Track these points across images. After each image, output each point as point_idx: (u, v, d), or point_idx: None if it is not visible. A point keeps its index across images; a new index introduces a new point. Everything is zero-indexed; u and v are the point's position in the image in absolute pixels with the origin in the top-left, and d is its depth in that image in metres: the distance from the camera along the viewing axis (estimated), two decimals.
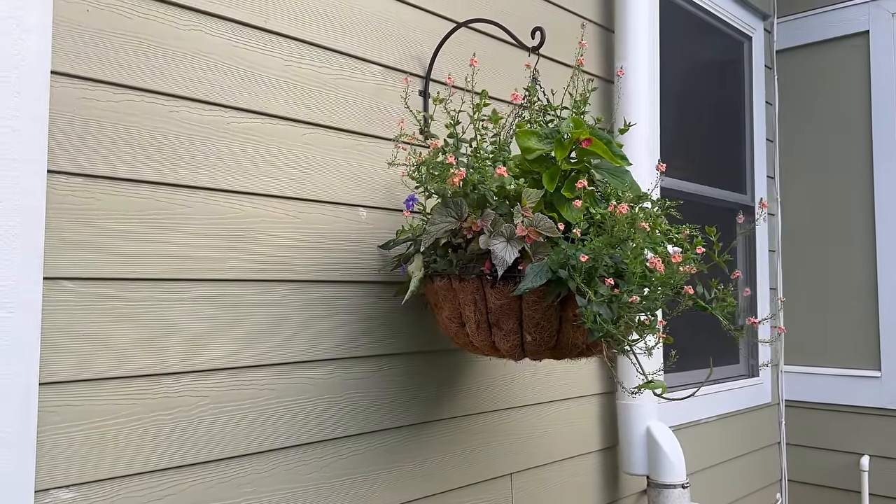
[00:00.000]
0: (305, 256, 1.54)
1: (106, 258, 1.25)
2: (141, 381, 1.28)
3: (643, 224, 1.18)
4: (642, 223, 1.18)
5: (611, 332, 1.15)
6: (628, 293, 1.15)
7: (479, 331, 1.42)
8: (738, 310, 1.29)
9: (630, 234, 1.18)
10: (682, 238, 1.40)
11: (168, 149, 1.33)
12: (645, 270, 1.17)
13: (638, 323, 1.18)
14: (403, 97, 1.56)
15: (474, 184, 1.27)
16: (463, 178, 1.26)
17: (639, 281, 1.21)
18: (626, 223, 1.18)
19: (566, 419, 2.17)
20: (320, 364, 1.55)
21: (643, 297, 1.16)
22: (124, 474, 1.25)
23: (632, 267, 1.16)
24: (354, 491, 1.59)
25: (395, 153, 1.49)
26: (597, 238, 1.20)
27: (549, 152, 1.44)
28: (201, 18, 1.39)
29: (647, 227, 1.18)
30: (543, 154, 1.44)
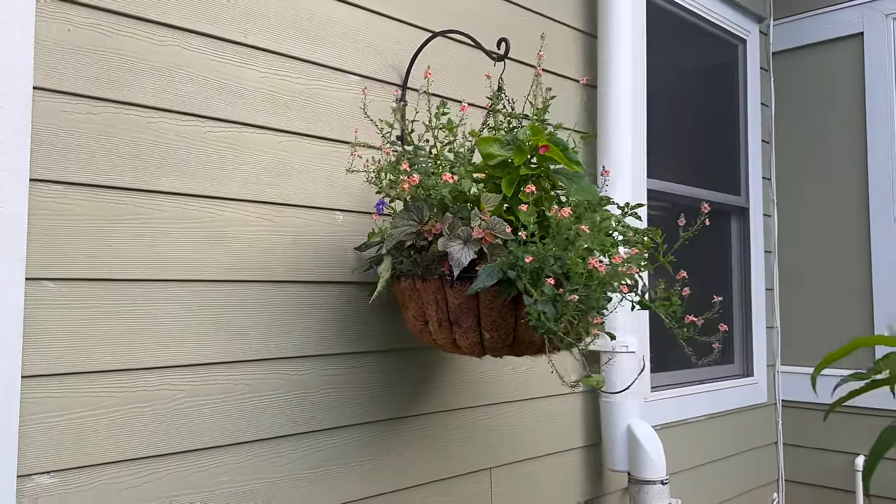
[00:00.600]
0: (281, 258, 1.62)
1: (86, 260, 1.34)
2: (119, 375, 1.36)
3: (584, 227, 1.24)
4: (583, 226, 1.24)
5: (552, 330, 1.21)
6: (570, 292, 1.21)
7: (440, 329, 1.49)
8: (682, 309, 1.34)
9: (573, 236, 1.24)
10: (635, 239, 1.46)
11: (146, 157, 1.42)
12: (587, 271, 1.23)
13: (580, 321, 1.24)
14: (362, 107, 1.63)
15: (428, 189, 1.34)
16: (416, 184, 1.33)
17: (584, 281, 1.27)
18: (568, 226, 1.24)
19: (548, 416, 2.23)
20: (295, 360, 1.63)
21: (584, 296, 1.22)
22: (102, 462, 1.34)
23: (574, 268, 1.22)
24: (329, 482, 1.67)
25: (352, 160, 1.56)
26: (542, 241, 1.26)
27: (509, 158, 1.50)
28: (178, 34, 1.47)
29: (587, 230, 1.24)
30: (505, 159, 1.51)
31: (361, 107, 1.63)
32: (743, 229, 3.26)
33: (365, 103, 1.65)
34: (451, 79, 1.96)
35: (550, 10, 2.30)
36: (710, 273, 3.24)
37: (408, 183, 1.31)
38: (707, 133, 3.23)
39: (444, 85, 1.94)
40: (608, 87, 2.35)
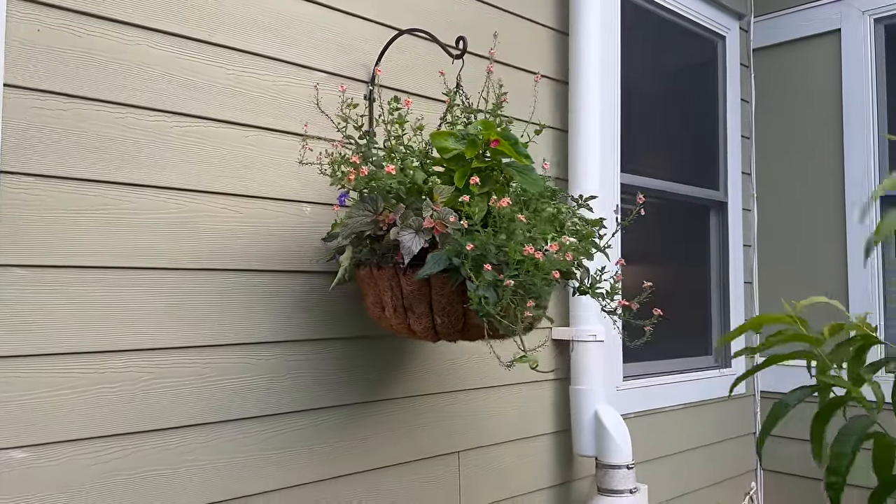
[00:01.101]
0: (248, 248, 1.69)
1: (55, 248, 1.41)
2: (86, 357, 1.44)
3: (521, 217, 1.30)
4: (520, 216, 1.30)
5: (490, 313, 1.28)
6: (508, 278, 1.28)
7: (396, 314, 1.56)
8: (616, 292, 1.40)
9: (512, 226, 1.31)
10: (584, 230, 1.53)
11: (114, 151, 1.49)
12: (524, 258, 1.30)
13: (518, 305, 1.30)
14: (316, 102, 1.70)
15: (378, 180, 1.41)
16: (365, 176, 1.40)
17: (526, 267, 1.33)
18: (509, 216, 1.31)
19: (517, 403, 2.29)
20: (262, 346, 1.71)
21: (523, 282, 1.29)
22: (72, 439, 1.41)
23: (512, 255, 1.29)
24: (294, 463, 1.74)
25: (304, 153, 1.63)
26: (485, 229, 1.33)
27: (462, 151, 1.57)
28: (145, 34, 1.55)
29: (524, 220, 1.31)
30: (459, 153, 1.58)
31: (315, 102, 1.70)
32: (722, 223, 3.32)
33: (318, 98, 1.72)
34: (417, 75, 2.03)
35: (522, 8, 2.36)
36: (689, 266, 3.29)
37: (353, 174, 1.38)
38: (687, 129, 3.28)
39: (410, 81, 2.01)
40: (578, 83, 2.41)
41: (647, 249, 3.08)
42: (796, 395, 0.98)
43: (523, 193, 1.58)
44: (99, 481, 1.44)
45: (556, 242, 1.31)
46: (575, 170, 2.40)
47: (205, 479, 1.59)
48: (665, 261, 3.18)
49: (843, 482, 0.91)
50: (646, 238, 3.07)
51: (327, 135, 1.75)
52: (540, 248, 1.31)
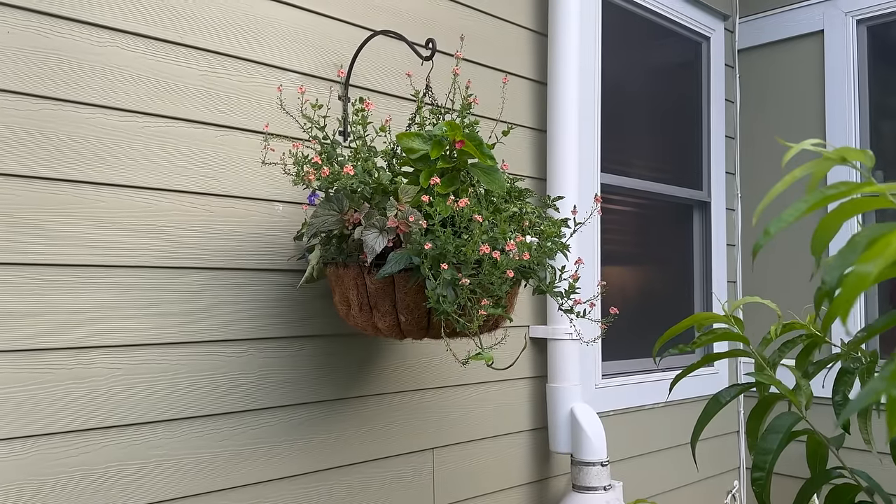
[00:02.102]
0: (219, 246, 1.71)
1: (26, 246, 1.44)
2: (55, 353, 1.46)
3: (477, 217, 1.33)
4: (477, 216, 1.33)
5: (447, 311, 1.30)
6: (464, 276, 1.30)
7: (361, 312, 1.58)
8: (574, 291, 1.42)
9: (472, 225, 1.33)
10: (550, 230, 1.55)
11: (84, 151, 1.52)
12: (482, 258, 1.32)
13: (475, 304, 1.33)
14: (279, 103, 1.72)
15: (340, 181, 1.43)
16: (327, 175, 1.43)
17: (485, 267, 1.36)
18: (467, 216, 1.33)
19: (493, 400, 2.32)
20: (234, 343, 1.73)
21: (478, 281, 1.31)
22: (39, 433, 1.44)
23: (469, 254, 1.31)
24: (266, 459, 1.77)
25: (265, 154, 1.65)
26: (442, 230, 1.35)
27: (428, 152, 1.59)
28: (117, 36, 1.57)
29: (480, 220, 1.33)
30: (425, 154, 1.60)
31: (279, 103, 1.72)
32: (705, 223, 3.34)
33: (282, 99, 1.74)
34: (391, 75, 2.05)
35: (500, 10, 2.38)
36: (672, 266, 3.31)
37: (313, 174, 1.40)
38: (671, 129, 3.30)
39: (384, 81, 2.03)
40: (556, 84, 2.43)
41: (630, 249, 3.10)
42: (730, 392, 1.00)
43: (491, 194, 1.60)
44: (67, 476, 1.47)
45: (512, 241, 1.33)
46: (553, 170, 2.43)
47: (175, 474, 1.61)
48: (648, 260, 3.20)
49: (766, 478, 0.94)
50: (629, 238, 3.09)
51: (297, 135, 1.78)
52: (497, 248, 1.34)
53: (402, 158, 1.65)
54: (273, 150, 1.69)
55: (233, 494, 1.70)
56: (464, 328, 1.34)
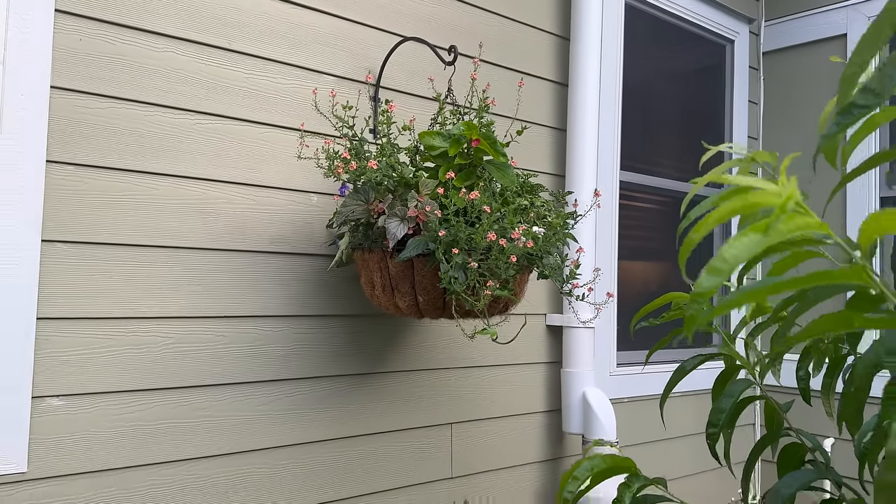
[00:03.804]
0: (260, 232, 1.91)
1: (93, 227, 1.65)
2: (116, 322, 1.67)
3: (486, 208, 1.49)
4: (485, 207, 1.49)
5: (458, 292, 1.47)
6: (473, 260, 1.46)
7: (384, 293, 1.76)
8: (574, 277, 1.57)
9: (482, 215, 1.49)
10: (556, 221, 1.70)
11: (144, 144, 1.72)
12: (491, 244, 1.48)
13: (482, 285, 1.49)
14: (314, 102, 1.90)
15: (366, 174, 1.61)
16: (354, 169, 1.60)
17: (494, 253, 1.52)
18: (478, 207, 1.50)
19: (511, 382, 2.48)
20: (271, 319, 1.92)
21: (487, 265, 1.48)
22: (102, 391, 1.65)
23: (479, 241, 1.48)
24: (299, 424, 1.96)
25: (301, 149, 1.84)
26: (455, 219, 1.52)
27: (447, 149, 1.76)
28: (173, 42, 1.77)
29: (489, 211, 1.49)
30: (444, 151, 1.77)
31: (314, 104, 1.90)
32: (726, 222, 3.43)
33: (316, 100, 1.92)
34: (418, 78, 2.22)
35: (525, 15, 2.53)
36: (692, 262, 3.42)
37: (342, 168, 1.58)
38: (694, 130, 3.41)
39: (412, 83, 2.20)
40: (576, 86, 2.57)
41: (653, 245, 3.23)
42: (694, 361, 1.14)
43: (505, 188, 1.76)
44: (123, 430, 1.68)
45: (517, 231, 1.49)
46: (571, 167, 2.57)
47: (219, 433, 1.81)
48: (670, 257, 3.32)
49: (718, 433, 1.08)
50: (651, 234, 3.22)
51: (330, 132, 1.96)
52: (505, 236, 1.50)
53: (425, 155, 1.81)
54: (308, 146, 1.87)
55: (270, 453, 1.90)
56: (472, 306, 1.50)
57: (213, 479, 1.80)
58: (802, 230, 0.52)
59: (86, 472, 1.62)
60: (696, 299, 0.54)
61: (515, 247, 1.47)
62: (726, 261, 0.51)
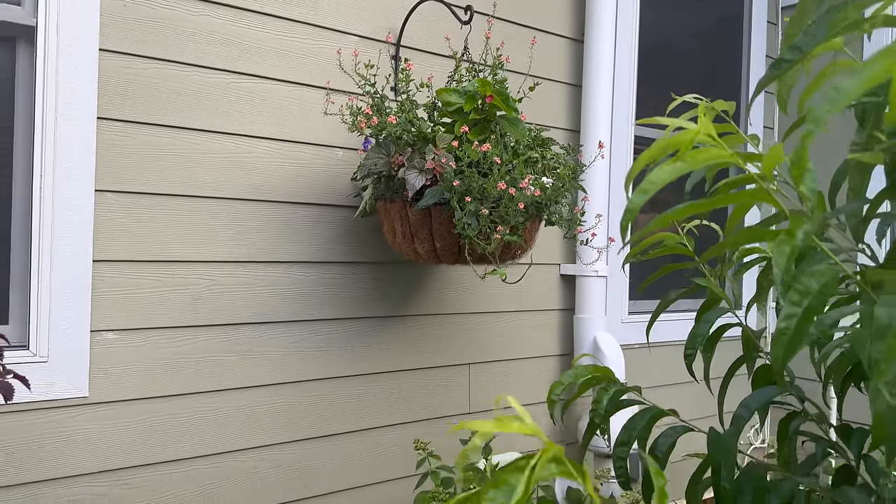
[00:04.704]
0: (291, 184, 2.06)
1: (138, 178, 1.81)
2: (162, 265, 1.85)
3: (496, 159, 1.62)
4: (496, 158, 1.62)
5: (470, 237, 1.61)
6: (485, 208, 1.60)
7: (405, 239, 1.91)
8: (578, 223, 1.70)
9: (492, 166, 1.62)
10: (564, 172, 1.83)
11: (183, 102, 1.87)
12: (500, 193, 1.61)
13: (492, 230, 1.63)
14: (338, 61, 2.03)
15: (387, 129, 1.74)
16: (376, 124, 1.74)
17: (504, 202, 1.65)
18: (489, 159, 1.63)
19: (526, 327, 2.63)
20: (302, 264, 2.08)
21: (498, 213, 1.61)
22: (152, 327, 1.83)
23: (490, 190, 1.61)
24: (328, 360, 2.13)
25: (326, 106, 1.97)
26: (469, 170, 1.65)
27: (462, 105, 1.88)
28: (209, 6, 1.90)
29: (500, 162, 1.62)
30: (460, 106, 1.89)
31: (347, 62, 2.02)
32: None
33: (340, 59, 2.04)
34: (435, 36, 2.33)
35: None
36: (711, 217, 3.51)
37: (364, 123, 1.72)
38: (711, 84, 3.47)
39: (431, 42, 2.31)
40: (591, 41, 2.66)
41: (666, 198, 3.32)
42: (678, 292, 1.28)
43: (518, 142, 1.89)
44: (169, 361, 1.86)
45: (525, 180, 1.62)
46: (586, 121, 2.67)
47: (256, 367, 2.00)
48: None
49: (694, 354, 1.23)
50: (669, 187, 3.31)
51: (353, 90, 2.09)
52: (514, 186, 1.63)
53: (442, 111, 1.94)
54: (333, 102, 2.01)
55: (302, 386, 2.08)
56: (483, 250, 1.64)
57: (250, 408, 1.99)
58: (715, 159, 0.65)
59: (138, 399, 1.81)
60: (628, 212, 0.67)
61: (524, 195, 1.60)
62: (652, 182, 0.64)
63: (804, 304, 0.58)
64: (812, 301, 0.58)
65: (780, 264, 0.55)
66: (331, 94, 2.04)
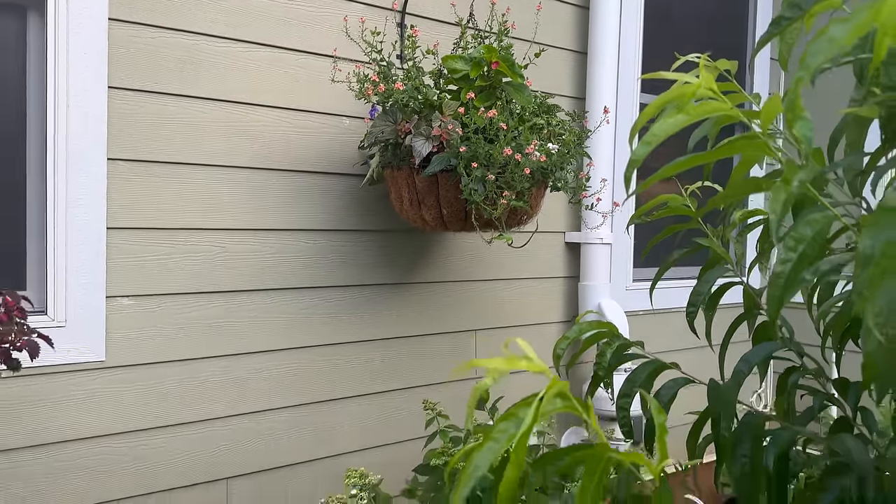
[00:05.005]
0: (297, 152, 2.08)
1: (147, 146, 1.83)
2: (172, 232, 1.88)
3: (502, 125, 1.63)
4: (502, 124, 1.63)
5: (477, 202, 1.63)
6: (491, 173, 1.62)
7: (412, 206, 1.93)
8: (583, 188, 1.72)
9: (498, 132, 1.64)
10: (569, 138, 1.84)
11: (190, 71, 1.89)
12: (508, 159, 1.63)
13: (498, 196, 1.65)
14: (345, 29, 2.03)
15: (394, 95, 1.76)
16: (383, 91, 1.75)
17: (510, 168, 1.67)
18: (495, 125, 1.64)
19: (531, 294, 2.66)
20: (310, 232, 2.11)
21: (504, 178, 1.63)
22: (166, 293, 1.87)
23: (496, 156, 1.63)
24: (338, 325, 2.17)
25: (334, 73, 1.99)
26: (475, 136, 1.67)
27: (469, 72, 1.89)
28: None
29: (505, 127, 1.64)
30: (465, 73, 1.90)
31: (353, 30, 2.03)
32: None
33: (346, 27, 2.05)
34: (441, 3, 2.33)
35: None
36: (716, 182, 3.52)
37: (371, 90, 1.73)
38: (717, 47, 3.46)
39: (438, 9, 2.32)
40: (597, 6, 2.66)
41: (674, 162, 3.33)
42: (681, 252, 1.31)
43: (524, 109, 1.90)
44: (183, 327, 1.90)
45: (531, 146, 1.64)
46: (591, 88, 2.68)
47: (266, 332, 2.04)
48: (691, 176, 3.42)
49: (695, 312, 1.26)
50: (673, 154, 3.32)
51: (360, 58, 2.10)
52: (520, 152, 1.65)
53: (448, 78, 1.95)
54: (340, 70, 2.02)
55: (310, 351, 2.12)
56: (490, 215, 1.67)
57: (263, 372, 2.04)
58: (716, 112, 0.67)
59: (154, 363, 1.86)
60: (631, 163, 0.69)
61: (530, 160, 1.63)
62: (655, 134, 0.66)
63: (799, 251, 0.61)
64: (806, 248, 0.61)
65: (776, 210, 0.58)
66: (337, 61, 2.06)
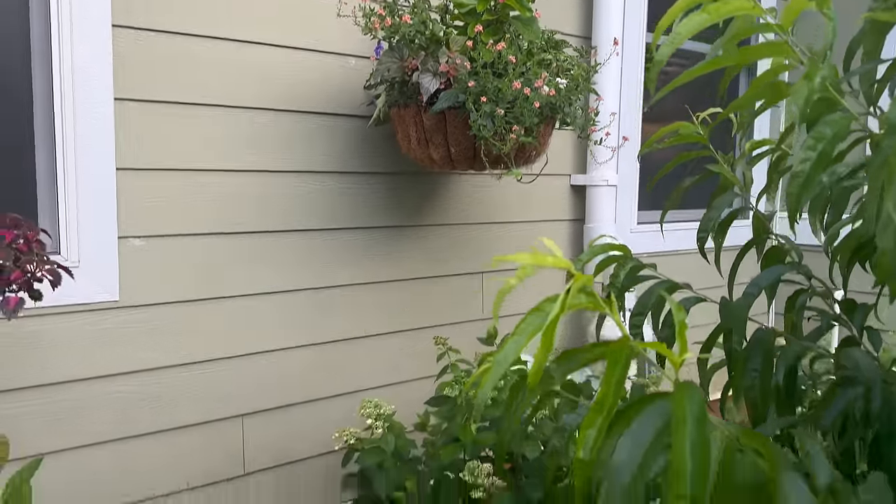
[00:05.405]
0: (305, 93, 2.07)
1: (154, 87, 1.82)
2: (180, 173, 1.88)
3: (511, 58, 1.62)
4: (511, 57, 1.62)
5: (486, 137, 1.63)
6: (500, 108, 1.62)
7: (419, 145, 1.93)
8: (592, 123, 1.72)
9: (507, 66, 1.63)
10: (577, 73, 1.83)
11: (196, 9, 1.86)
12: (517, 94, 1.63)
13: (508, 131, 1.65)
14: None
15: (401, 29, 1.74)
16: (390, 25, 1.74)
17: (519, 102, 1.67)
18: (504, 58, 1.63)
19: (537, 236, 2.67)
20: (321, 175, 2.12)
21: (513, 113, 1.63)
22: (174, 234, 1.88)
23: (505, 91, 1.62)
24: (350, 266, 2.19)
25: (340, 7, 1.96)
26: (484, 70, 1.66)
27: (475, 6, 1.87)
28: None
29: (514, 61, 1.63)
30: (472, 8, 1.88)
31: None
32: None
33: None
34: None
35: None
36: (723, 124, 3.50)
37: (378, 23, 1.72)
38: None
39: None
40: None
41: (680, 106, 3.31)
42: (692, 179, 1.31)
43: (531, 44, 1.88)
44: (193, 267, 1.92)
45: (540, 80, 1.63)
46: (598, 25, 2.64)
47: (279, 272, 2.06)
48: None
49: (706, 237, 1.27)
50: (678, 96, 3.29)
51: None
52: (529, 86, 1.64)
53: (454, 14, 1.93)
54: (346, 3, 2.00)
55: (321, 292, 2.14)
56: (499, 150, 1.67)
57: (276, 311, 2.06)
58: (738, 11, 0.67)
59: (165, 303, 1.88)
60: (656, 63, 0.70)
61: (539, 95, 1.62)
62: (679, 33, 0.67)
63: (818, 149, 0.61)
64: (826, 146, 0.61)
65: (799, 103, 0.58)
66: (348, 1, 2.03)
